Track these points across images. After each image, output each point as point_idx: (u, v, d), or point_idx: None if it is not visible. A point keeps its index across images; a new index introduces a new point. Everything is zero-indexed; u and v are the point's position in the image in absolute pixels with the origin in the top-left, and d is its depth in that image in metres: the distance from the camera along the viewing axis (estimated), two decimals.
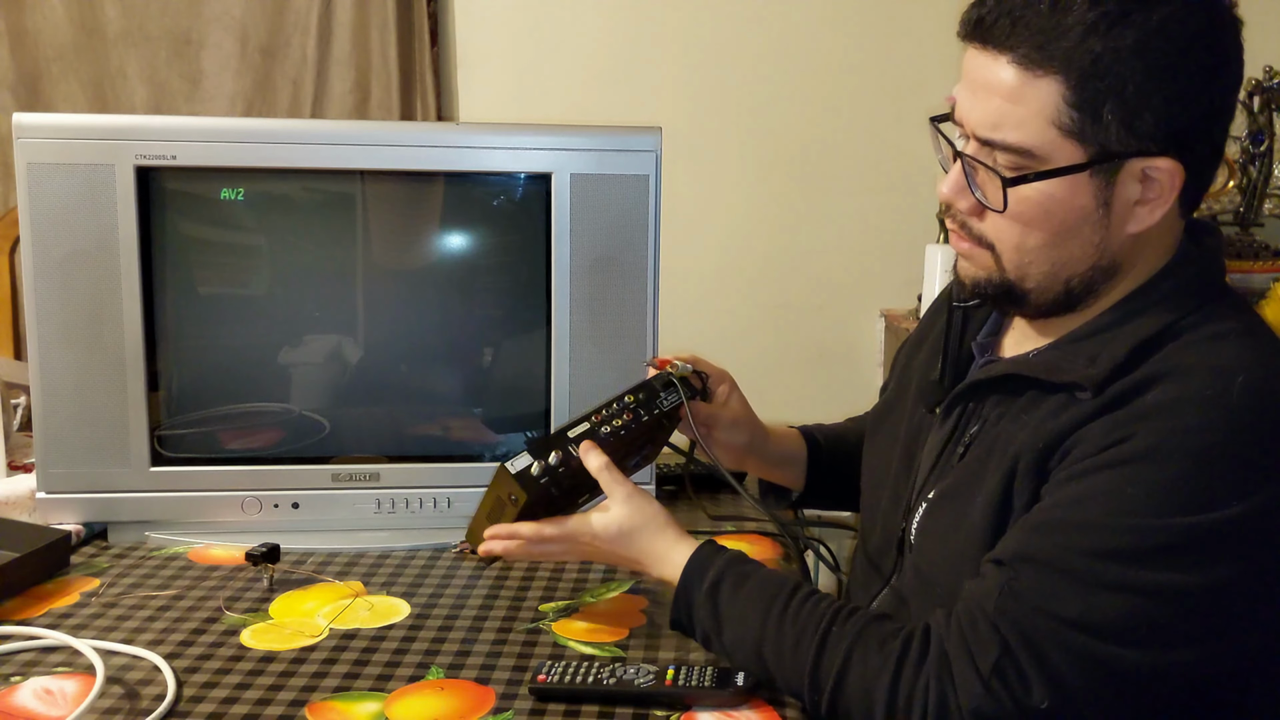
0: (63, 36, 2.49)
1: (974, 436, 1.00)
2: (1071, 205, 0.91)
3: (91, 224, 1.25)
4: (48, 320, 1.26)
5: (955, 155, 0.96)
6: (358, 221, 1.35)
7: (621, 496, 1.07)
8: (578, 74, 2.56)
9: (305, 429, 1.34)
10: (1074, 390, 0.91)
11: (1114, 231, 0.92)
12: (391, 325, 1.38)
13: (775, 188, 2.60)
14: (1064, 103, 0.87)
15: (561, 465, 1.07)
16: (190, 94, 2.52)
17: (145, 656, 1.04)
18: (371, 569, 1.27)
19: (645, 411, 1.13)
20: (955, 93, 0.95)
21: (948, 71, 2.62)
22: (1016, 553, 0.88)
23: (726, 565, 1.02)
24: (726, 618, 0.99)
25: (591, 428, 1.09)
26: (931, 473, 1.04)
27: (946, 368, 1.09)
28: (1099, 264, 0.94)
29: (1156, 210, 0.91)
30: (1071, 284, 0.95)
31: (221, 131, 1.29)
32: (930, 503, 1.02)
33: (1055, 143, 0.88)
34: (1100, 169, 0.89)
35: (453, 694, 1.00)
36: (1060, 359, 0.94)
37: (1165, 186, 0.90)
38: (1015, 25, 0.88)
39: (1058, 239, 0.93)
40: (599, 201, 1.30)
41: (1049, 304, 0.97)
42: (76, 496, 1.30)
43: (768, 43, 2.53)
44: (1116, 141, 0.87)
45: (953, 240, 1.01)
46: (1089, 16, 0.85)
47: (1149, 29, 0.85)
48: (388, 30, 2.46)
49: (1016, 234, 0.94)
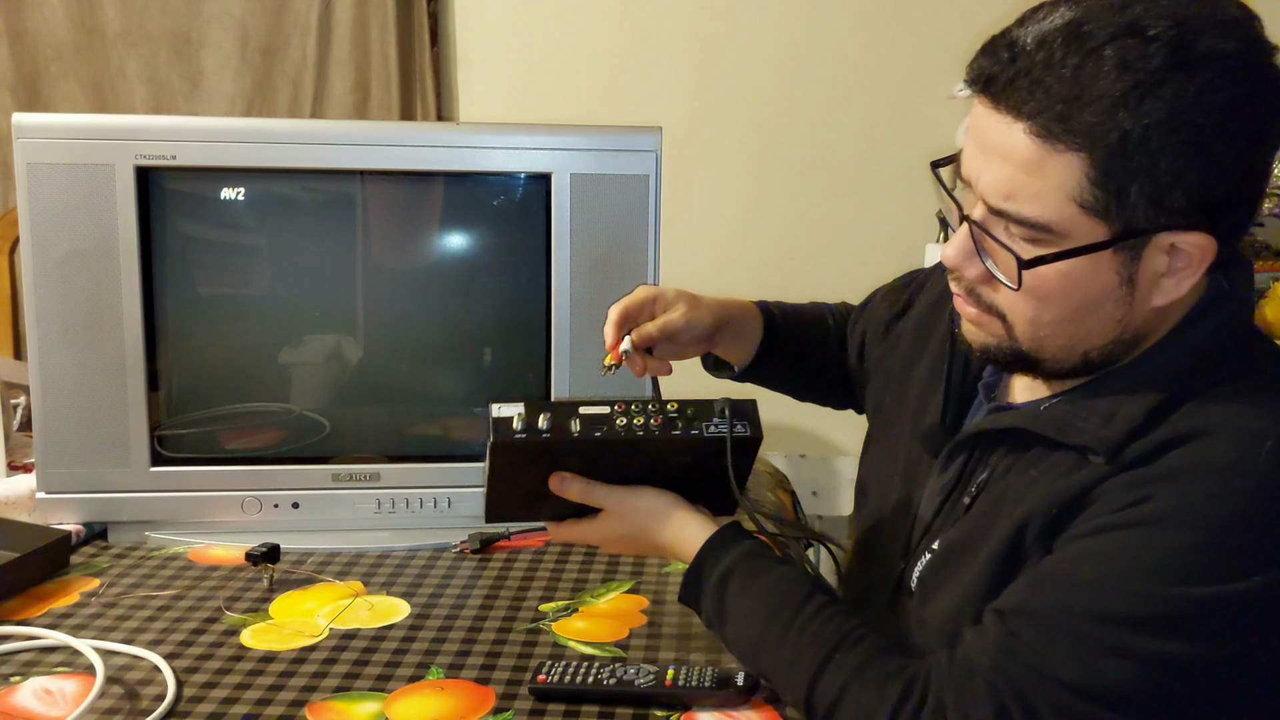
0: (62, 36, 2.49)
1: (981, 486, 0.93)
2: (1092, 282, 0.83)
3: (91, 224, 1.25)
4: (48, 320, 1.26)
5: (962, 218, 0.88)
6: (358, 221, 1.35)
7: (621, 495, 1.02)
8: (578, 74, 2.56)
9: (305, 429, 1.34)
10: (1087, 454, 0.85)
11: (1138, 306, 0.84)
12: (391, 325, 1.38)
13: (775, 188, 2.60)
14: (1087, 180, 0.78)
15: (546, 433, 0.97)
16: (190, 94, 2.52)
17: (145, 656, 1.04)
18: (371, 569, 1.27)
19: (684, 426, 0.99)
20: (961, 141, 0.87)
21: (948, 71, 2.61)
22: (1018, 606, 0.83)
23: (741, 557, 0.97)
24: (731, 612, 0.95)
25: (609, 414, 0.99)
26: (935, 518, 0.98)
27: (949, 410, 1.02)
28: (1120, 337, 0.86)
29: (1184, 282, 0.83)
30: (1090, 355, 0.88)
31: (221, 131, 1.29)
32: (935, 554, 0.96)
33: (1075, 219, 0.80)
34: (1124, 245, 0.81)
35: (453, 694, 1.00)
36: (1073, 416, 0.87)
37: (1195, 260, 0.82)
38: (1034, 89, 0.78)
39: (1076, 315, 0.85)
40: (599, 201, 1.30)
41: (1065, 372, 0.90)
42: (76, 496, 1.30)
43: (768, 43, 2.53)
44: (1144, 219, 0.79)
45: (958, 304, 0.93)
46: (1118, 87, 0.75)
47: (1184, 100, 0.75)
48: (388, 30, 2.45)
49: (1031, 308, 0.85)
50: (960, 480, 0.96)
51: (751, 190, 2.61)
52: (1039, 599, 0.82)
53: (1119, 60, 0.75)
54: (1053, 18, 0.80)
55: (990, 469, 0.93)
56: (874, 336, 1.23)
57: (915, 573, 0.97)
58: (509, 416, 0.97)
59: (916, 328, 1.14)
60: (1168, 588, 0.78)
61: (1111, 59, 0.76)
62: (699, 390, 1.06)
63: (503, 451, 0.98)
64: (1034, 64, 0.78)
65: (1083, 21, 0.78)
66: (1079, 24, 0.78)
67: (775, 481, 1.64)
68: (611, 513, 1.03)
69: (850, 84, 2.53)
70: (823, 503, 2.50)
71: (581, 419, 0.98)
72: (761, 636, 0.93)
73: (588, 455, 1.00)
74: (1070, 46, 0.77)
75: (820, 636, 0.89)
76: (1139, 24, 0.76)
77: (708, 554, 0.98)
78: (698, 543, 0.99)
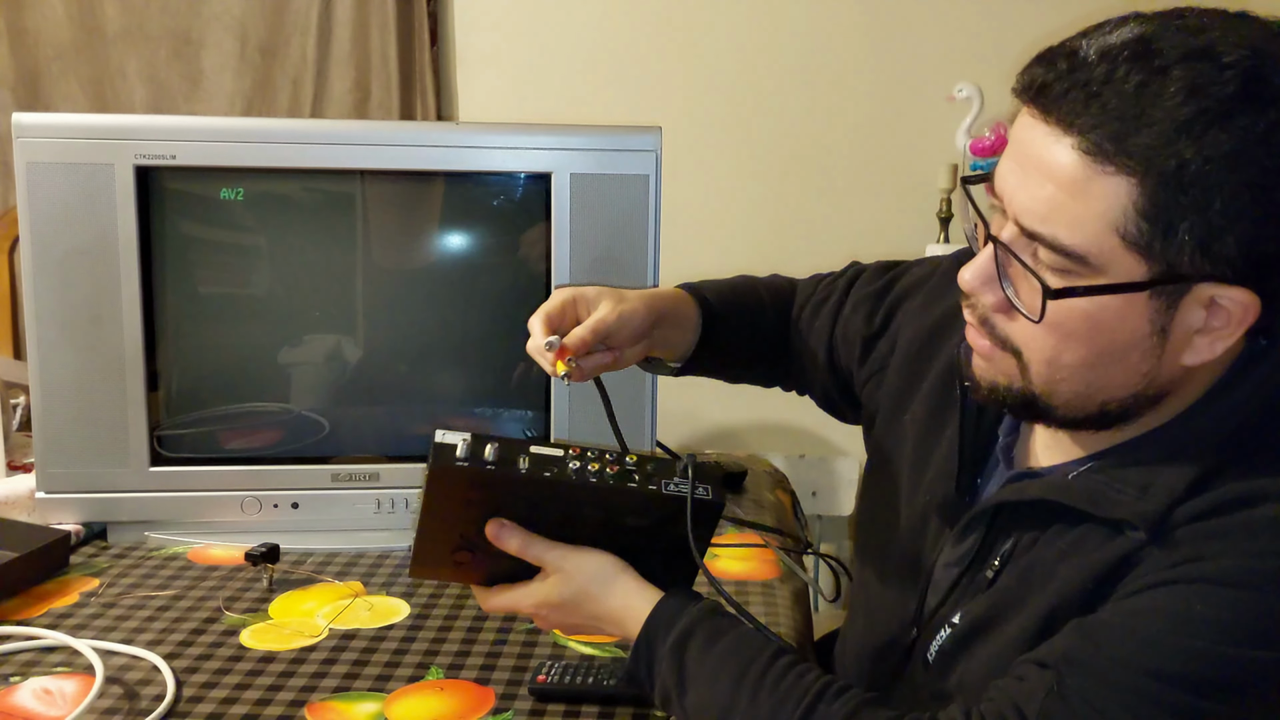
0: (62, 36, 2.49)
1: (1005, 558, 0.87)
2: (1121, 325, 0.76)
3: (91, 223, 1.25)
4: (47, 320, 1.26)
5: (987, 238, 0.80)
6: (357, 221, 1.35)
7: (564, 551, 0.91)
8: (578, 74, 2.56)
9: (305, 429, 1.34)
10: (1125, 529, 0.79)
11: (1166, 361, 0.77)
12: (391, 325, 1.38)
13: (775, 188, 2.60)
14: (1134, 209, 0.71)
15: (491, 464, 0.87)
16: (190, 94, 2.52)
17: (144, 657, 1.04)
18: (371, 569, 1.27)
19: (642, 480, 0.89)
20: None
21: (948, 72, 2.61)
22: (1065, 655, 0.77)
23: (700, 617, 0.88)
24: (693, 677, 0.86)
25: (562, 457, 0.89)
26: (953, 590, 0.92)
27: (964, 479, 0.94)
28: (1143, 392, 0.80)
29: (1219, 344, 0.76)
30: (1108, 407, 0.81)
31: (221, 131, 1.28)
32: (957, 629, 0.89)
33: (1114, 252, 0.73)
34: (1162, 290, 0.74)
35: (452, 694, 1.00)
36: (1106, 487, 0.81)
37: (1234, 319, 0.74)
38: (1089, 102, 0.71)
39: (1099, 360, 0.78)
40: (599, 201, 1.30)
41: (1078, 422, 0.83)
42: (76, 496, 1.30)
43: (768, 43, 2.53)
44: (1188, 263, 0.72)
45: (970, 335, 0.86)
46: (1183, 112, 0.69)
47: (1252, 137, 0.69)
48: (387, 30, 2.45)
49: (1051, 347, 0.79)
50: (980, 551, 0.90)
51: (751, 190, 2.60)
52: (1088, 651, 0.77)
53: (1188, 83, 0.69)
54: (1120, 32, 0.74)
55: (1014, 539, 0.87)
56: (849, 351, 1.14)
57: (934, 646, 0.92)
58: (453, 443, 0.87)
59: (906, 361, 1.05)
60: (1226, 647, 0.73)
61: (1179, 80, 0.70)
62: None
63: (441, 479, 0.87)
64: (1093, 76, 0.72)
65: (1152, 39, 0.72)
66: (1148, 41, 0.72)
67: (774, 482, 1.64)
68: (551, 572, 0.92)
69: (850, 84, 2.53)
70: (822, 502, 2.50)
71: (531, 457, 0.88)
72: (732, 695, 0.84)
73: (532, 500, 0.90)
74: (1136, 62, 0.71)
75: (800, 686, 0.83)
76: (1214, 49, 0.70)
77: (661, 617, 0.88)
78: (648, 608, 0.89)
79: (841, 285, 1.18)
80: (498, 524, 0.91)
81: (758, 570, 1.29)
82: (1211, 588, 0.74)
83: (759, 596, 1.22)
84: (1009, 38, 2.36)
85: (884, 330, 1.11)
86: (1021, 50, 0.79)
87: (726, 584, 1.24)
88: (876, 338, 1.11)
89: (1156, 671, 0.74)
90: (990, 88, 2.25)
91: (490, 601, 0.96)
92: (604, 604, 0.91)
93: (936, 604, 0.93)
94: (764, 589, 1.24)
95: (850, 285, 1.17)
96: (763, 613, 1.17)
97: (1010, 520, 0.88)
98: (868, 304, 1.13)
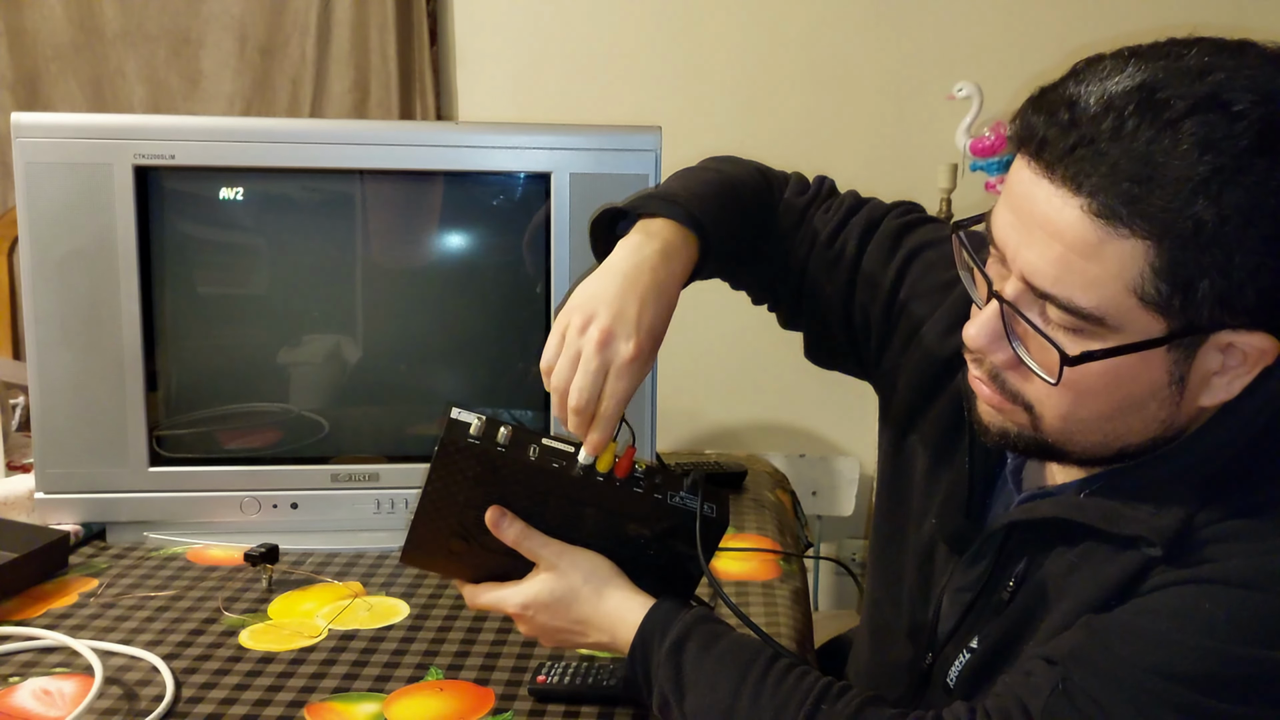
0: (61, 36, 2.49)
1: (1019, 578, 0.86)
2: (1139, 379, 0.75)
3: (90, 224, 1.25)
4: (46, 320, 1.26)
5: (990, 295, 0.78)
6: (357, 221, 1.35)
7: (560, 548, 0.91)
8: (578, 74, 2.56)
9: (304, 429, 1.34)
10: (1140, 545, 0.78)
11: (1185, 405, 0.77)
12: (391, 325, 1.38)
13: None
14: (1150, 270, 0.69)
15: (502, 447, 0.88)
16: (189, 93, 2.52)
17: (143, 657, 1.04)
18: (371, 569, 1.27)
19: (649, 488, 0.89)
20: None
21: (948, 71, 2.60)
22: (1072, 652, 0.77)
23: (694, 622, 0.87)
24: (691, 681, 0.85)
25: (573, 452, 0.89)
26: (968, 613, 0.91)
27: (974, 503, 0.93)
28: (1161, 436, 0.79)
29: (1236, 383, 0.75)
30: (1126, 451, 0.80)
31: (220, 131, 1.28)
32: (976, 654, 0.89)
33: (1132, 312, 0.71)
34: (1180, 343, 0.73)
35: (452, 694, 1.00)
36: (1119, 505, 0.80)
37: (1251, 360, 0.74)
38: (1098, 162, 0.68)
39: (1116, 413, 0.77)
40: (599, 201, 1.29)
41: (1093, 462, 0.83)
42: (75, 497, 1.30)
43: (768, 42, 2.53)
44: (1208, 316, 0.70)
45: (975, 386, 0.84)
46: (1199, 170, 0.66)
47: (1268, 189, 0.67)
48: (387, 30, 2.45)
49: (1066, 404, 0.77)
50: (994, 574, 0.89)
51: None
52: (1095, 649, 0.76)
53: (1202, 139, 0.67)
54: (1119, 77, 0.70)
55: (1027, 560, 0.87)
56: (873, 296, 1.07)
57: (953, 671, 0.91)
58: (467, 421, 0.88)
59: (920, 365, 1.01)
60: (1238, 647, 0.72)
61: (1192, 136, 0.67)
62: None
63: (450, 455, 0.88)
64: (1099, 132, 0.69)
65: (1156, 87, 0.69)
66: (1152, 89, 0.69)
67: (775, 481, 1.64)
68: (544, 568, 0.91)
69: (850, 83, 2.53)
70: (822, 502, 2.50)
71: (542, 448, 0.89)
72: (732, 698, 0.83)
73: (536, 493, 0.90)
74: (1144, 116, 0.68)
75: (801, 688, 0.82)
76: (1221, 96, 0.68)
77: (655, 621, 0.88)
78: (640, 614, 0.89)
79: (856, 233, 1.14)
80: (499, 511, 0.90)
81: (758, 571, 1.29)
82: (1221, 587, 0.73)
83: (759, 597, 1.22)
84: (1009, 37, 2.36)
85: (899, 284, 1.06)
86: (1022, 50, 0.78)
87: (726, 585, 1.24)
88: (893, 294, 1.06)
89: (1164, 670, 0.73)
90: (990, 87, 2.24)
91: (477, 598, 0.96)
92: (595, 606, 0.91)
93: (950, 629, 0.93)
94: (764, 589, 1.24)
95: (874, 224, 1.16)
96: (763, 613, 1.17)
97: (1022, 541, 0.87)
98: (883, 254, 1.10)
